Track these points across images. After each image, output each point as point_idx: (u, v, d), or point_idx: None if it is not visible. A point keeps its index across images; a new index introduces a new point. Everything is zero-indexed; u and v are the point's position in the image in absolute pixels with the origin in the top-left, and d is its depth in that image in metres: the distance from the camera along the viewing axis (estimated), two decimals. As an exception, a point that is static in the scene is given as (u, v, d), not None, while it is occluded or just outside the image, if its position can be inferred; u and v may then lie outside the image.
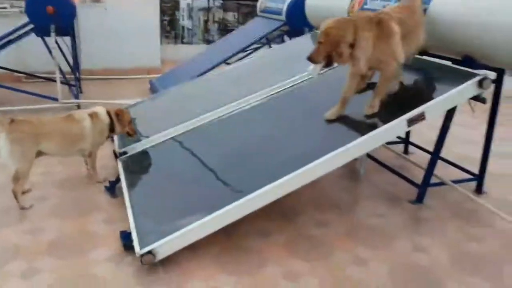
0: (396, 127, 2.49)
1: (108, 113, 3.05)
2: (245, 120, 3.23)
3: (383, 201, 3.05)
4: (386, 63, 2.56)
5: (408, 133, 3.84)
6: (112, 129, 3.08)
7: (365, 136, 2.45)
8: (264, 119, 3.16)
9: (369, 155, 3.43)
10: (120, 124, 3.09)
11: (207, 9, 14.58)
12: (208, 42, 10.06)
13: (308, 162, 2.39)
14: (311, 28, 5.15)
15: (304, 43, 4.50)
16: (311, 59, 2.44)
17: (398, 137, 3.82)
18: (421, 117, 2.49)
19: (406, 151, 3.90)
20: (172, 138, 3.21)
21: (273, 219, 2.72)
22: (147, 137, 3.26)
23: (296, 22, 5.41)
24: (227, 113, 3.34)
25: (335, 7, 4.09)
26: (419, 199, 3.03)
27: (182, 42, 10.53)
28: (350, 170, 3.45)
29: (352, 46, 2.43)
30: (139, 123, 3.45)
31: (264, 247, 2.46)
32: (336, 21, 2.47)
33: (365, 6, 3.66)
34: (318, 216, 2.80)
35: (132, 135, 3.19)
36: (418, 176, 3.33)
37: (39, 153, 2.75)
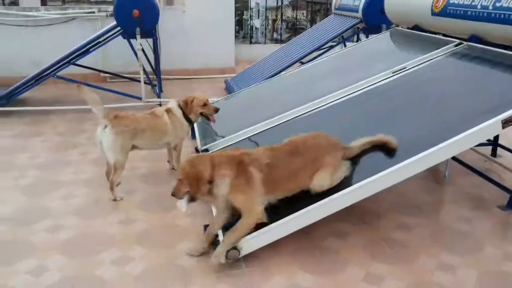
0: (490, 128, 2.34)
1: (179, 105, 3.17)
2: (322, 120, 3.21)
3: (469, 205, 2.90)
4: (243, 210, 2.28)
5: (497, 135, 3.61)
6: (188, 119, 3.18)
7: (455, 138, 2.33)
8: (342, 120, 3.12)
9: (453, 157, 3.27)
10: (190, 111, 3.16)
11: (276, 8, 14.63)
12: (277, 41, 10.10)
13: (392, 164, 2.33)
14: (388, 25, 5.01)
15: (383, 41, 4.39)
16: (174, 194, 2.29)
17: (487, 139, 3.60)
18: (517, 118, 2.33)
19: (494, 154, 3.67)
20: (250, 136, 3.27)
21: (352, 221, 2.68)
22: (227, 135, 3.34)
23: (373, 19, 5.29)
24: (304, 113, 3.34)
25: (417, 2, 3.94)
26: (511, 204, 2.84)
27: (251, 42, 10.65)
28: (433, 172, 3.31)
29: (210, 182, 2.26)
30: (217, 122, 3.54)
31: (343, 249, 2.44)
32: (194, 158, 2.34)
33: (451, 1, 3.49)
34: (400, 219, 2.72)
35: (210, 115, 3.21)
36: (508, 180, 3.14)
37: (132, 148, 2.93)
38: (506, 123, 2.32)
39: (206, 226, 2.50)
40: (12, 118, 4.70)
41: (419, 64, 3.42)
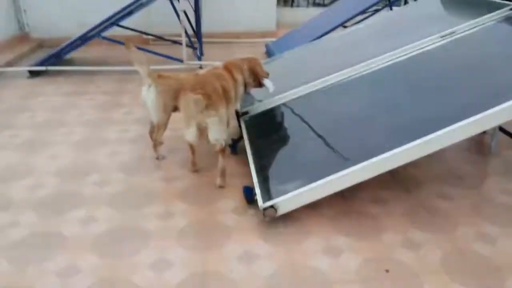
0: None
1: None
2: (366, 84, 3.15)
3: (514, 178, 2.82)
4: None
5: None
6: None
7: (501, 106, 2.23)
8: (386, 84, 3.05)
9: (501, 128, 3.16)
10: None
11: (320, -29, 14.13)
12: (319, 5, 9.82)
13: (433, 130, 2.28)
14: (440, -12, 4.76)
15: (431, 5, 4.20)
16: None
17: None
18: None
19: (545, 126, 3.50)
20: (291, 100, 3.26)
21: (391, 188, 2.67)
22: (264, 99, 3.35)
23: (423, -18, 5.02)
24: (345, 78, 3.29)
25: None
26: (559, 179, 2.73)
27: (291, 6, 10.41)
28: (478, 143, 3.22)
29: None
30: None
31: (382, 215, 2.44)
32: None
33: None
34: (441, 189, 2.68)
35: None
36: (559, 154, 3.01)
37: (174, 109, 2.99)
38: (562, 92, 2.21)
39: (245, 187, 2.56)
40: (60, 78, 4.88)
41: (469, 29, 3.26)
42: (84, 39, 5.12)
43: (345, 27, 5.20)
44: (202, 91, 2.54)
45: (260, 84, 3.14)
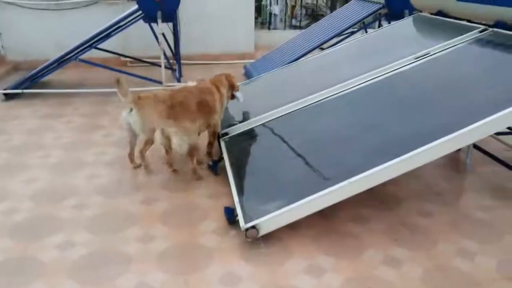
0: (509, 116, 2.32)
1: None
2: (343, 105, 3.21)
3: (490, 194, 2.88)
4: None
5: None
6: None
7: (474, 125, 2.31)
8: (363, 104, 3.12)
9: (475, 146, 3.25)
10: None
11: (296, -6, 14.42)
12: (295, 28, 10.01)
13: (410, 149, 2.33)
14: (411, 10, 4.94)
15: (405, 27, 4.34)
16: None
17: (509, 128, 3.55)
18: (542, 106, 2.29)
19: (517, 143, 3.62)
20: (270, 121, 3.29)
21: (372, 207, 2.70)
22: (244, 120, 3.38)
23: (396, 5, 5.22)
24: (323, 98, 3.34)
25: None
26: (532, 194, 2.81)
27: (269, 29, 10.58)
28: (454, 161, 3.29)
29: None
30: (236, 107, 3.58)
31: (362, 233, 2.46)
32: None
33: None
34: (420, 206, 2.73)
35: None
36: (531, 170, 3.10)
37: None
38: (530, 110, 2.29)
39: (226, 208, 2.55)
40: (36, 100, 4.80)
41: (442, 50, 3.38)
42: (61, 62, 5.08)
43: (322, 49, 5.30)
44: (168, 103, 2.81)
45: (232, 96, 3.37)
